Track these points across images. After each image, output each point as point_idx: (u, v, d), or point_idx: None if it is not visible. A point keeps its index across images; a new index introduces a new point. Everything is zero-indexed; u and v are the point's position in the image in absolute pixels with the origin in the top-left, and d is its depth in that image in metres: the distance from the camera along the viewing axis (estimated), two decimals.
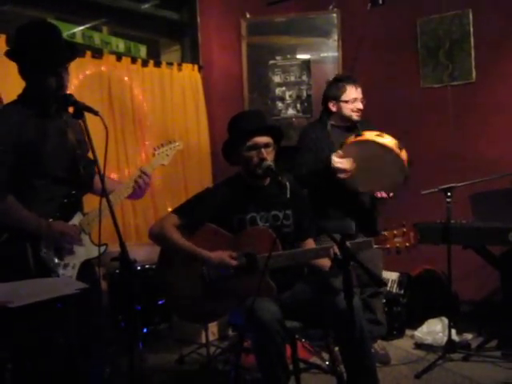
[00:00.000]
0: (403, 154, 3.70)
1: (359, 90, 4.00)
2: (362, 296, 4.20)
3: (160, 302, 4.11)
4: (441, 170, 4.71)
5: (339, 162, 3.71)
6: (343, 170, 3.72)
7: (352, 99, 3.97)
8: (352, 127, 4.01)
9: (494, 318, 4.42)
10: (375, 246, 2.98)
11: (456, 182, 3.99)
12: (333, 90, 4.03)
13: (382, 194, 4.00)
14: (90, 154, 2.93)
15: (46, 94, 2.73)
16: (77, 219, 2.84)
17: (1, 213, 2.67)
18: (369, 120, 4.09)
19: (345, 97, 3.98)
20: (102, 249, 2.84)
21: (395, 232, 2.96)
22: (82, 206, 2.92)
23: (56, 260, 2.74)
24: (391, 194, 4.01)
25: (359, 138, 3.73)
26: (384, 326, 4.33)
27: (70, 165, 2.82)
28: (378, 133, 3.71)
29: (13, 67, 2.80)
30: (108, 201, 2.40)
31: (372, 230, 3.97)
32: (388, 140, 3.67)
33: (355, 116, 4.00)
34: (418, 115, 5.05)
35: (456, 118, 5.02)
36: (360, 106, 3.98)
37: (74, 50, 2.88)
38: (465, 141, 4.99)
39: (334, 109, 4.02)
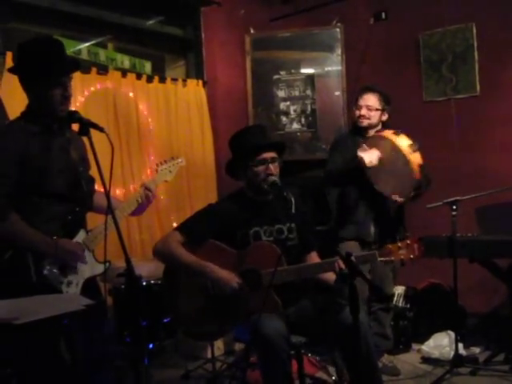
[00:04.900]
0: (415, 157, 3.77)
1: (366, 97, 4.15)
2: (374, 309, 4.20)
3: (165, 321, 4.10)
4: (446, 183, 4.70)
5: (364, 153, 3.86)
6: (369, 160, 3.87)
7: (358, 106, 4.16)
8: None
9: (502, 331, 4.40)
10: (380, 259, 2.98)
11: (461, 196, 3.99)
12: (355, 100, 4.28)
13: (395, 197, 3.95)
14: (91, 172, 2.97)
15: (50, 107, 2.72)
16: (80, 236, 2.84)
17: (5, 231, 2.66)
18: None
19: (356, 103, 4.21)
20: (106, 265, 2.85)
21: (399, 244, 2.96)
22: (85, 223, 2.93)
23: (59, 278, 2.73)
24: (401, 199, 3.94)
25: (377, 134, 3.98)
26: (391, 341, 4.33)
27: (73, 182, 2.82)
28: (393, 131, 3.88)
29: (19, 83, 2.81)
30: (114, 217, 2.40)
31: (392, 238, 4.03)
32: (402, 140, 3.82)
33: (359, 122, 4.15)
34: (421, 128, 5.05)
35: (460, 131, 5.02)
36: (362, 112, 4.12)
37: (77, 63, 2.90)
38: (469, 154, 4.98)
39: (354, 116, 4.27)
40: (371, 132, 4.14)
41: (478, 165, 4.94)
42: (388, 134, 3.90)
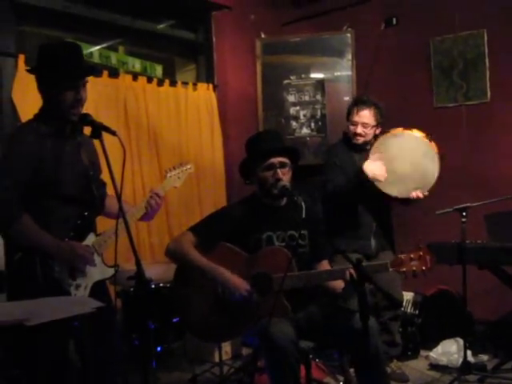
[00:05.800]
0: (433, 145, 3.91)
1: (362, 114, 4.04)
2: (382, 319, 4.18)
3: (174, 321, 4.11)
4: (455, 190, 4.69)
5: (371, 169, 3.78)
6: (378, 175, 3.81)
7: (353, 122, 4.06)
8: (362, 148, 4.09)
9: (510, 338, 4.38)
10: (391, 269, 2.97)
11: (471, 202, 3.98)
12: (348, 110, 4.14)
13: (417, 194, 3.92)
14: (102, 176, 2.98)
15: (61, 110, 2.74)
16: (90, 240, 2.85)
17: (17, 232, 2.68)
18: None
19: (350, 118, 4.09)
20: (116, 269, 2.86)
21: (412, 255, 2.95)
22: (95, 226, 2.93)
23: (68, 280, 2.74)
24: (426, 193, 3.93)
25: (386, 135, 3.92)
26: (399, 346, 4.32)
27: (84, 186, 2.83)
28: (402, 128, 3.93)
29: (32, 86, 2.83)
30: (125, 220, 2.40)
31: (392, 249, 4.04)
32: (416, 132, 3.94)
33: (355, 139, 4.07)
34: (431, 134, 5.05)
35: (470, 138, 5.01)
36: (358, 130, 4.03)
37: (93, 68, 2.92)
38: (479, 160, 4.97)
39: (347, 129, 4.13)
40: (367, 147, 4.07)
41: (488, 171, 4.91)
42: (399, 130, 3.93)
